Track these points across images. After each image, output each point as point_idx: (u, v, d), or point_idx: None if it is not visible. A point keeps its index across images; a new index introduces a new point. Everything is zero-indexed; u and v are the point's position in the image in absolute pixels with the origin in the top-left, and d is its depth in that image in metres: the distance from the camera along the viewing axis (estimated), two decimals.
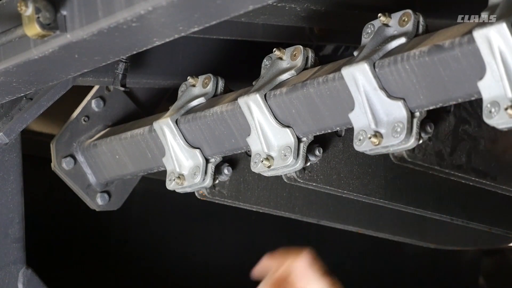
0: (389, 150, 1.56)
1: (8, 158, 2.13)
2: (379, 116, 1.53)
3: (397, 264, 3.81)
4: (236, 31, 2.07)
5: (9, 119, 2.04)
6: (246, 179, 1.97)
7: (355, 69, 1.52)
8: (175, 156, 1.89)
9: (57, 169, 2.19)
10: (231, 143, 1.81)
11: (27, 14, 1.45)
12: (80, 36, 1.48)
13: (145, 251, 3.20)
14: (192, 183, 1.87)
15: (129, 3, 1.39)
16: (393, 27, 1.57)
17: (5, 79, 1.71)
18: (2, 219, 2.14)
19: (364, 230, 2.32)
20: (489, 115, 1.37)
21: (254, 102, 1.70)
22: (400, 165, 1.69)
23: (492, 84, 1.37)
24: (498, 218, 2.30)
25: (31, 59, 1.58)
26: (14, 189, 2.15)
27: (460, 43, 1.40)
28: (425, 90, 1.47)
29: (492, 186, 1.79)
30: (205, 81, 1.92)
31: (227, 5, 1.38)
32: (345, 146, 1.82)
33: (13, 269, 2.16)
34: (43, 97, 2.03)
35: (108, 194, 2.24)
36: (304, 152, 1.69)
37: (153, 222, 3.22)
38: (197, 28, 1.46)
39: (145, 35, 1.50)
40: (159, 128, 1.89)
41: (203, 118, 1.83)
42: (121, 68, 2.07)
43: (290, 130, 1.69)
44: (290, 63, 1.74)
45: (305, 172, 1.76)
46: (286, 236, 3.54)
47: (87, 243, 3.10)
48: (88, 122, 2.22)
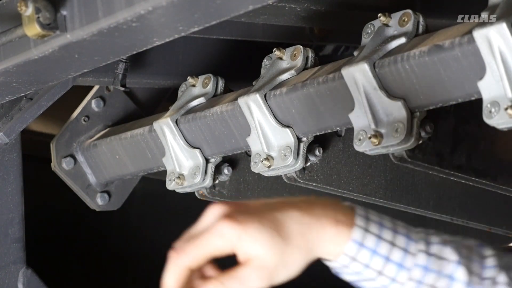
0: (389, 150, 1.56)
1: (8, 158, 2.13)
2: (379, 116, 1.53)
3: None
4: (236, 31, 2.07)
5: (9, 119, 2.04)
6: (246, 179, 1.97)
7: (355, 69, 1.52)
8: (175, 156, 1.89)
9: (57, 169, 2.19)
10: (231, 143, 1.81)
11: (27, 14, 1.45)
12: (80, 36, 1.48)
13: (145, 251, 3.19)
14: (192, 183, 1.87)
15: (129, 3, 1.39)
16: (393, 27, 1.57)
17: (5, 79, 1.70)
18: (2, 219, 2.14)
19: None
20: (489, 115, 1.37)
21: (254, 102, 1.70)
22: (400, 165, 1.69)
23: (492, 84, 1.37)
24: (498, 218, 2.30)
25: (31, 59, 1.58)
26: (14, 189, 2.15)
27: (460, 43, 1.40)
28: (425, 90, 1.47)
29: (492, 186, 1.79)
30: (205, 81, 1.92)
31: (227, 5, 1.38)
32: (345, 146, 1.82)
33: (13, 269, 2.16)
34: (43, 97, 2.03)
35: (108, 194, 2.24)
36: (304, 152, 1.69)
37: (153, 222, 3.22)
38: (197, 28, 1.46)
39: (145, 35, 1.50)
40: (159, 128, 1.89)
41: (203, 118, 1.83)
42: (121, 68, 2.07)
43: (290, 130, 1.68)
44: (290, 63, 1.74)
45: (305, 172, 1.76)
46: None
47: (87, 243, 3.10)
48: (88, 122, 2.22)
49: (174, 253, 1.19)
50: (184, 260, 1.18)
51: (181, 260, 1.18)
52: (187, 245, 1.18)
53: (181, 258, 1.18)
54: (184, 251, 1.18)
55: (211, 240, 1.18)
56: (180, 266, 1.18)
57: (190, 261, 1.18)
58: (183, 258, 1.18)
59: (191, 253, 1.18)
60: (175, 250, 1.19)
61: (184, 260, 1.18)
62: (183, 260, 1.18)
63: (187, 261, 1.18)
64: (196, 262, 1.18)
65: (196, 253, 1.18)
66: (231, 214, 1.19)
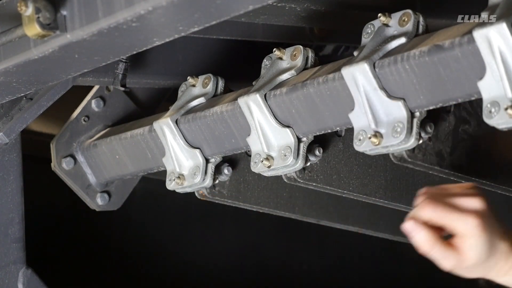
0: (389, 150, 1.56)
1: (8, 158, 2.13)
2: (379, 116, 1.53)
3: (397, 264, 3.81)
4: (236, 31, 2.07)
5: (9, 119, 2.04)
6: (246, 179, 1.97)
7: (355, 69, 1.52)
8: (175, 156, 1.89)
9: (57, 169, 2.19)
10: (231, 143, 1.81)
11: (27, 14, 1.45)
12: (80, 36, 1.48)
13: (145, 251, 3.20)
14: (192, 183, 1.87)
15: (129, 3, 1.39)
16: (393, 27, 1.57)
17: (5, 79, 1.70)
18: (2, 219, 2.14)
19: (364, 230, 2.32)
20: (489, 115, 1.38)
21: (254, 102, 1.70)
22: (400, 165, 1.69)
23: (492, 84, 1.37)
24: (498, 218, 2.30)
25: (31, 59, 1.58)
26: (14, 189, 2.15)
27: (460, 43, 1.40)
28: (425, 90, 1.47)
29: (492, 186, 1.79)
30: (205, 81, 1.92)
31: (227, 5, 1.38)
32: (345, 146, 1.82)
33: (13, 269, 2.16)
34: (43, 97, 2.03)
35: (108, 194, 2.24)
36: (304, 152, 1.69)
37: (153, 222, 3.22)
38: (197, 28, 1.46)
39: (145, 35, 1.50)
40: (159, 128, 1.89)
41: (203, 118, 1.83)
42: (121, 68, 2.07)
43: (290, 130, 1.69)
44: (290, 63, 1.74)
45: (305, 172, 1.76)
46: (286, 236, 3.54)
47: (87, 243, 3.10)
48: (88, 122, 2.22)
49: (428, 201, 1.48)
50: (430, 213, 1.47)
51: (428, 211, 1.47)
52: (438, 202, 1.48)
53: (429, 210, 1.47)
54: (434, 206, 1.48)
55: (457, 218, 1.47)
56: (426, 214, 1.47)
57: (431, 216, 1.47)
58: (429, 211, 1.47)
59: (437, 211, 1.48)
60: (428, 196, 1.49)
61: (430, 213, 1.47)
62: (429, 212, 1.47)
63: (430, 215, 1.47)
64: (433, 220, 1.48)
65: (440, 215, 1.47)
66: (485, 216, 1.48)
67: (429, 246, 1.48)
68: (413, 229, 1.49)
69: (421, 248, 1.50)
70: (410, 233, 1.49)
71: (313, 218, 2.13)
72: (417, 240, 1.49)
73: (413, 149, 1.59)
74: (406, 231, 1.49)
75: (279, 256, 3.54)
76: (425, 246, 1.49)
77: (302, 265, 3.59)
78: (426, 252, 1.49)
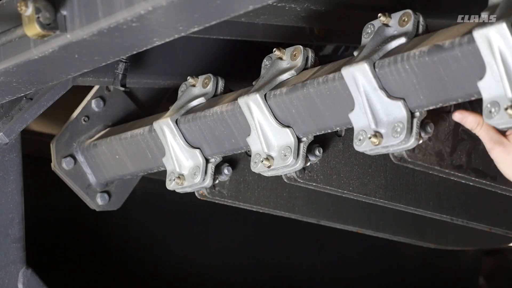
0: (389, 150, 1.56)
1: (8, 158, 2.13)
2: (379, 116, 1.53)
3: (397, 264, 3.81)
4: (236, 31, 2.07)
5: (9, 119, 2.04)
6: (246, 179, 1.97)
7: (355, 69, 1.52)
8: (175, 156, 1.89)
9: (57, 169, 2.19)
10: (231, 143, 1.81)
11: (27, 14, 1.45)
12: (80, 36, 1.48)
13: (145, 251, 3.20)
14: (192, 183, 1.87)
15: (129, 3, 1.39)
16: (393, 27, 1.57)
17: (5, 79, 1.71)
18: (2, 219, 2.14)
19: (364, 230, 2.32)
20: (489, 115, 1.38)
21: (254, 102, 1.70)
22: (400, 165, 1.69)
23: (492, 84, 1.37)
24: (498, 218, 2.30)
25: (31, 59, 1.58)
26: (14, 189, 2.15)
27: (460, 43, 1.40)
28: (425, 90, 1.47)
29: (492, 186, 1.79)
30: (205, 81, 1.92)
31: (227, 5, 1.38)
32: (345, 146, 1.82)
33: (13, 269, 2.16)
34: (43, 97, 2.04)
35: (108, 194, 2.24)
36: (304, 152, 1.69)
37: (153, 222, 3.22)
38: (197, 28, 1.46)
39: (145, 35, 1.50)
40: (159, 128, 1.89)
41: (203, 118, 1.83)
42: (121, 68, 2.07)
43: (290, 130, 1.69)
44: (290, 63, 1.74)
45: (305, 172, 1.76)
46: (286, 236, 3.54)
47: (87, 243, 3.10)
48: (88, 122, 2.22)
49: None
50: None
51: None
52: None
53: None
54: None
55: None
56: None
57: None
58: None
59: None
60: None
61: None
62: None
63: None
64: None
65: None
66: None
67: (476, 124, 1.57)
68: (463, 114, 1.58)
69: (472, 128, 1.59)
70: (462, 119, 1.59)
71: (313, 218, 2.13)
72: (469, 121, 1.58)
73: (413, 149, 1.59)
74: (457, 118, 1.59)
75: (279, 255, 3.54)
76: (473, 124, 1.57)
77: (302, 265, 3.59)
78: (474, 128, 1.59)
